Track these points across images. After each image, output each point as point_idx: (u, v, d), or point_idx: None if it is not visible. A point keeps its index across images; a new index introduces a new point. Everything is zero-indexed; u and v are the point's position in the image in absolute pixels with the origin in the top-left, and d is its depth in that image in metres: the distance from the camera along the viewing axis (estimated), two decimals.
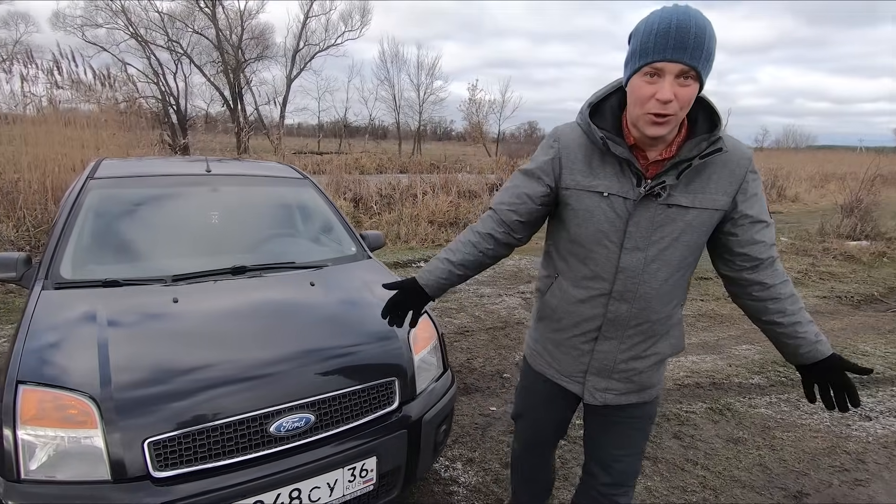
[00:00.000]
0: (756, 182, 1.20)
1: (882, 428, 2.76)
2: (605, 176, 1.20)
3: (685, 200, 1.17)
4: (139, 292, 1.89)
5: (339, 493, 1.56)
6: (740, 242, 1.21)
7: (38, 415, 1.35)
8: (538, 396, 1.51)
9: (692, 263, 1.26)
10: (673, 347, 1.35)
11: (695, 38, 1.00)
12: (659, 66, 1.03)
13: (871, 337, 4.22)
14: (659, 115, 1.05)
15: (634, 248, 1.20)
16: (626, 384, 1.34)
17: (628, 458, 1.43)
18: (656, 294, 1.23)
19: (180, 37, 25.10)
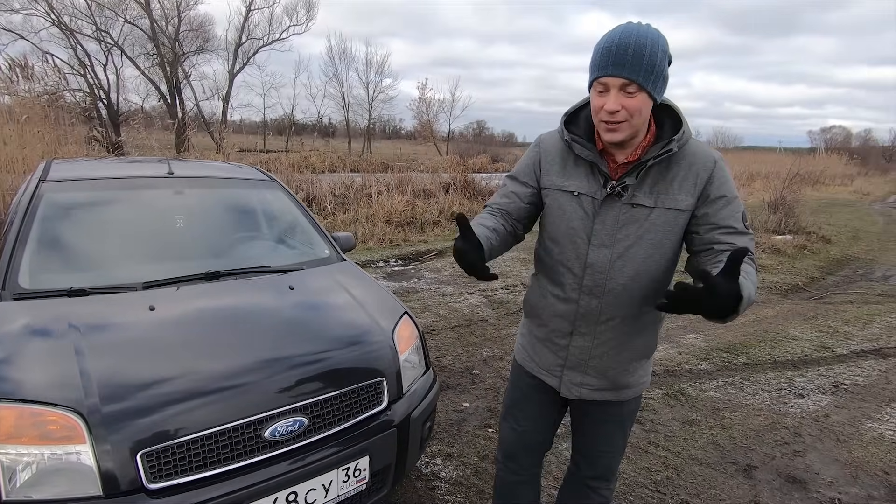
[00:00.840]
0: (721, 186, 1.21)
1: (813, 404, 3.07)
2: (576, 177, 1.31)
3: (648, 201, 1.24)
4: (111, 301, 1.82)
5: (334, 494, 1.59)
6: (702, 241, 1.23)
7: (15, 433, 1.29)
8: (521, 391, 1.55)
9: (662, 263, 1.27)
10: (646, 347, 1.38)
11: (633, 54, 1.10)
12: (604, 81, 1.14)
13: (798, 322, 4.65)
14: (610, 122, 1.17)
15: (601, 245, 1.28)
16: (599, 380, 1.39)
17: (611, 454, 1.50)
18: (623, 290, 1.29)
19: (110, 26, 23.51)
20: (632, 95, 1.13)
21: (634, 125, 1.17)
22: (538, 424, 1.55)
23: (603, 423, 1.47)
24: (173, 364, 1.53)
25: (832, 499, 2.21)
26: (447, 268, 6.42)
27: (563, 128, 1.31)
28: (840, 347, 4.03)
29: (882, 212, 14.56)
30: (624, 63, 1.11)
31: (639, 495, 2.20)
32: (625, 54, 1.10)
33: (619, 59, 1.11)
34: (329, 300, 2.08)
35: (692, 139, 1.25)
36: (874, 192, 21.78)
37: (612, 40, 1.13)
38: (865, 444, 2.65)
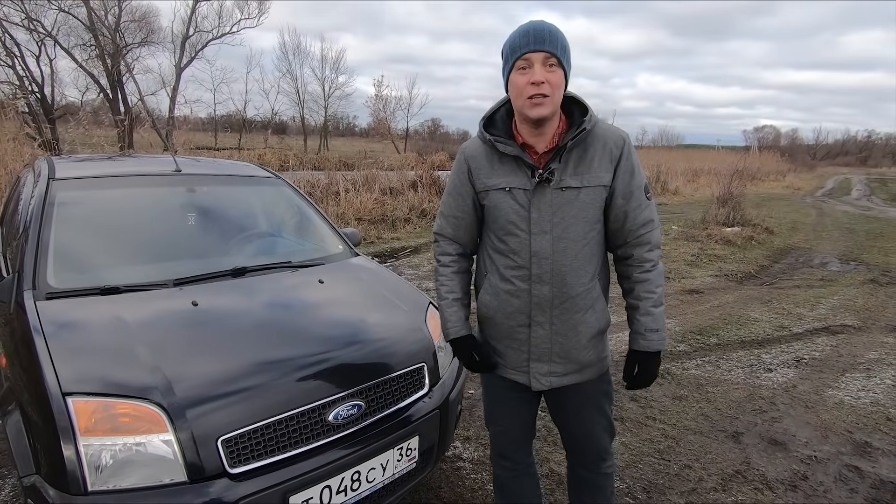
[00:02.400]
0: (629, 160, 1.36)
1: (781, 377, 3.41)
2: (504, 174, 1.38)
3: (575, 182, 1.34)
4: (151, 298, 1.82)
5: (390, 473, 1.68)
6: (616, 213, 1.37)
7: (96, 425, 1.31)
8: (496, 394, 1.59)
9: (596, 238, 1.40)
10: (598, 321, 1.43)
11: (549, 34, 1.26)
12: (527, 57, 1.26)
13: (757, 306, 5.08)
14: (535, 95, 1.26)
15: (541, 232, 1.36)
16: (564, 365, 1.44)
17: (596, 435, 1.55)
18: (570, 270, 1.37)
19: (42, 15, 21.92)
20: (552, 70, 1.26)
21: (555, 101, 1.28)
22: (519, 421, 1.60)
23: (580, 410, 1.53)
24: (236, 355, 1.57)
25: (809, 456, 2.50)
26: (425, 264, 6.53)
27: (482, 130, 1.41)
28: (796, 327, 4.45)
29: (813, 205, 15.84)
30: (544, 40, 1.25)
31: (647, 463, 2.40)
32: (543, 34, 1.26)
33: (538, 37, 1.26)
34: (360, 292, 2.16)
35: (600, 121, 1.37)
36: (804, 187, 23.61)
37: (529, 26, 1.29)
38: (829, 409, 2.98)
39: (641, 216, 1.38)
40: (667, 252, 7.46)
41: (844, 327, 4.48)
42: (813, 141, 72.30)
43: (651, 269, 1.41)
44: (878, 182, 30.00)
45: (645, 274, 1.41)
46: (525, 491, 1.68)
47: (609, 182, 1.35)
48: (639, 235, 1.40)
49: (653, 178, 17.08)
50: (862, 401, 3.10)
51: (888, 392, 3.21)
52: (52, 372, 1.39)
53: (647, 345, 1.40)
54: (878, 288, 5.93)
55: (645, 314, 1.40)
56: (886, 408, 3.01)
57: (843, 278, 6.46)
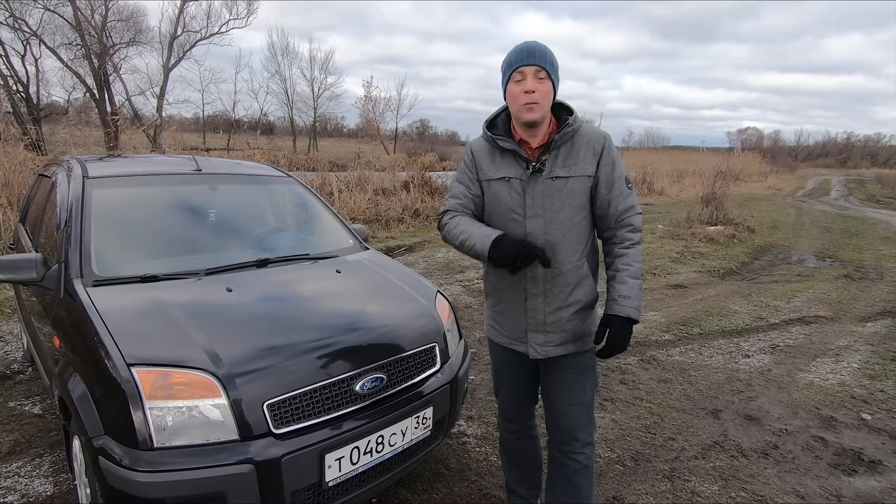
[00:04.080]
0: (609, 155, 1.59)
1: (758, 362, 3.68)
2: (505, 166, 1.63)
3: (563, 172, 1.58)
4: (188, 285, 2.01)
5: (409, 438, 1.88)
6: (601, 201, 1.60)
7: (157, 391, 1.49)
8: (502, 364, 1.83)
9: (583, 222, 1.61)
10: (587, 295, 1.64)
11: (540, 52, 1.53)
12: (522, 70, 1.52)
13: (737, 299, 5.37)
14: (528, 103, 1.51)
15: (534, 216, 1.59)
16: (559, 334, 1.63)
17: (573, 409, 1.69)
18: (559, 246, 1.58)
19: (27, 13, 21.69)
20: (542, 81, 1.52)
21: (545, 107, 1.53)
22: (521, 387, 1.82)
23: (562, 376, 1.70)
24: (273, 333, 1.77)
25: (780, 429, 2.76)
26: (420, 262, 6.73)
27: (485, 130, 1.67)
28: (772, 318, 4.74)
29: (793, 205, 16.34)
30: (535, 55, 1.52)
31: (635, 436, 2.64)
32: (535, 51, 1.53)
33: (531, 53, 1.52)
34: (375, 281, 2.36)
35: (585, 124, 1.62)
36: (785, 188, 24.25)
37: (523, 45, 1.55)
38: (800, 389, 3.25)
39: (623, 203, 1.60)
40: (653, 249, 7.75)
41: (818, 318, 4.78)
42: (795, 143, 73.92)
43: (630, 246, 1.61)
44: (856, 183, 30.89)
45: (623, 249, 1.61)
46: (527, 450, 1.92)
47: (593, 173, 1.58)
48: (622, 220, 1.60)
49: (639, 179, 17.46)
50: (830, 382, 3.37)
51: (854, 374, 3.50)
52: (115, 347, 1.57)
53: (618, 309, 1.56)
54: (851, 282, 6.27)
55: (620, 283, 1.58)
56: (852, 387, 3.29)
57: (818, 273, 6.80)
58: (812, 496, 2.22)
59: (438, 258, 6.88)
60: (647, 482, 2.29)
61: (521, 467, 1.94)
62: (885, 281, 6.40)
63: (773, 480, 2.32)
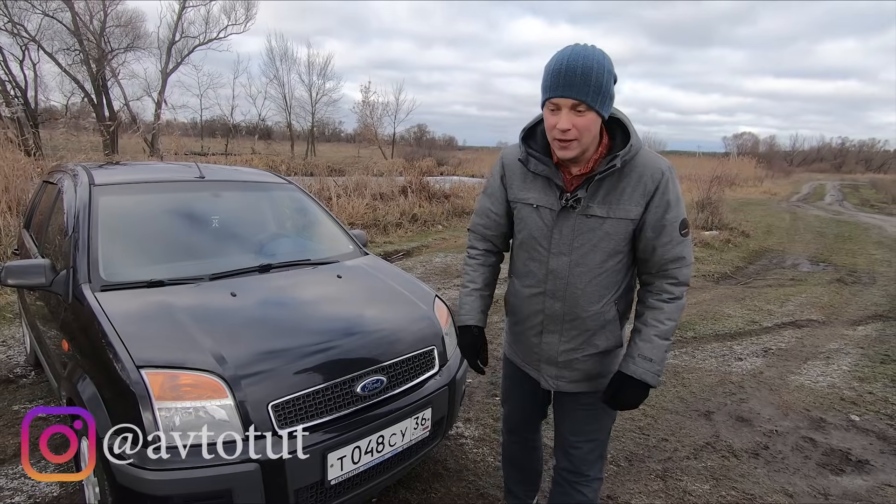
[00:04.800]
0: (665, 196, 1.31)
1: (750, 365, 3.75)
2: (535, 190, 1.41)
3: (601, 212, 1.33)
4: (193, 289, 2.06)
5: (409, 439, 1.94)
6: (645, 244, 1.36)
7: (165, 392, 1.55)
8: (513, 381, 1.74)
9: (617, 267, 1.39)
10: (608, 341, 1.45)
11: (581, 76, 1.19)
12: (556, 102, 1.24)
13: (731, 303, 5.44)
14: (562, 140, 1.26)
15: (560, 253, 1.39)
16: (572, 372, 1.49)
17: (585, 445, 1.55)
18: (582, 293, 1.40)
19: (26, 19, 21.76)
20: (581, 114, 1.23)
21: (584, 143, 1.27)
22: (530, 403, 1.73)
23: (575, 412, 1.55)
24: (276, 336, 1.83)
25: (771, 430, 2.82)
26: (418, 266, 6.78)
27: (520, 144, 1.41)
28: (765, 321, 4.81)
29: (788, 209, 16.47)
30: (573, 85, 1.20)
31: (629, 437, 2.70)
32: (573, 76, 1.19)
33: (568, 81, 1.20)
34: (375, 286, 2.42)
35: (643, 150, 1.33)
36: (780, 193, 24.41)
37: (560, 62, 1.21)
38: (791, 391, 3.32)
39: (671, 252, 1.35)
40: None
41: (810, 322, 4.86)
42: (790, 147, 74.43)
43: (668, 301, 1.37)
44: (850, 188, 31.11)
45: (660, 302, 1.38)
46: (529, 459, 1.88)
47: (637, 216, 1.33)
48: (666, 270, 1.37)
49: None
50: (820, 384, 3.44)
51: (844, 377, 3.57)
52: (125, 349, 1.62)
53: (634, 370, 1.36)
54: (844, 287, 6.35)
55: (644, 340, 1.36)
56: (841, 390, 3.36)
57: (812, 278, 6.88)
58: (800, 495, 2.29)
59: (436, 263, 6.94)
60: (640, 482, 2.34)
61: (522, 470, 1.91)
62: (877, 285, 6.49)
63: (762, 480, 2.38)
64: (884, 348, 4.15)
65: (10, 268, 2.05)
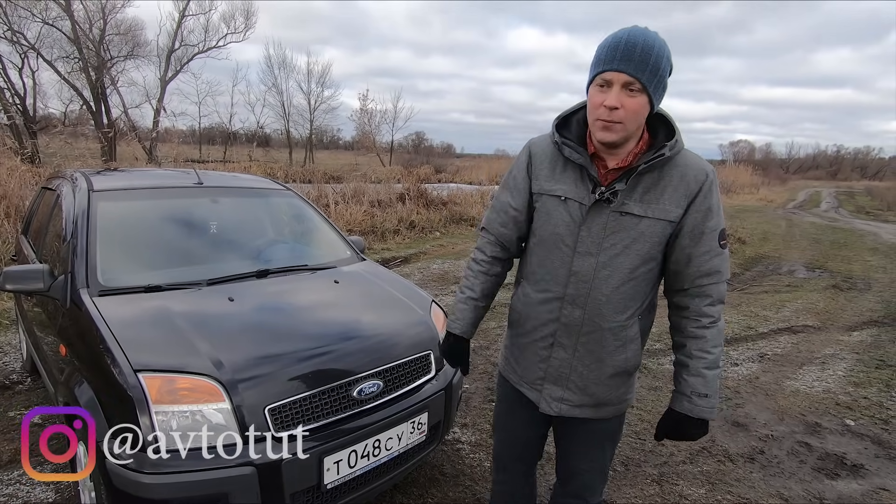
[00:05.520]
0: (708, 200, 1.21)
1: (746, 370, 3.77)
2: (565, 181, 1.28)
3: (638, 210, 1.21)
4: (191, 295, 2.07)
5: (405, 443, 1.94)
6: (679, 254, 1.24)
7: (163, 396, 1.56)
8: (507, 405, 1.55)
9: (647, 276, 1.27)
10: (628, 361, 1.31)
11: (641, 52, 1.11)
12: (608, 77, 1.13)
13: (727, 309, 5.45)
14: (607, 120, 1.15)
15: (586, 253, 1.25)
16: (580, 395, 1.35)
17: (588, 474, 1.46)
18: (607, 301, 1.25)
19: (26, 27, 21.86)
20: (633, 95, 1.13)
21: (629, 129, 1.16)
22: (524, 437, 1.54)
23: (580, 441, 1.44)
24: (274, 340, 1.84)
25: (767, 435, 2.83)
26: (416, 273, 6.80)
27: (554, 130, 1.29)
28: (761, 327, 4.84)
29: (784, 216, 16.55)
30: (631, 59, 1.11)
31: (625, 442, 2.71)
32: (633, 51, 1.11)
33: (627, 55, 1.11)
34: (372, 291, 2.43)
35: (686, 150, 1.24)
36: (776, 200, 24.54)
37: (620, 38, 1.13)
38: (787, 396, 3.33)
39: (708, 264, 1.23)
40: None
41: (805, 327, 4.88)
42: (786, 155, 74.91)
43: (709, 326, 1.25)
44: (846, 195, 31.30)
45: (701, 330, 1.26)
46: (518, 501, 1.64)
47: (677, 218, 1.21)
48: (701, 285, 1.24)
49: None
50: (816, 389, 3.46)
51: (839, 382, 3.59)
52: (122, 354, 1.63)
53: (691, 409, 1.26)
54: (839, 293, 6.39)
55: (695, 375, 1.25)
56: (836, 394, 3.37)
57: (807, 284, 6.92)
58: (796, 499, 2.29)
59: (434, 269, 6.96)
60: (636, 486, 2.35)
61: None
62: (873, 291, 6.52)
63: (758, 484, 2.39)
64: (879, 354, 4.18)
65: (9, 273, 2.06)
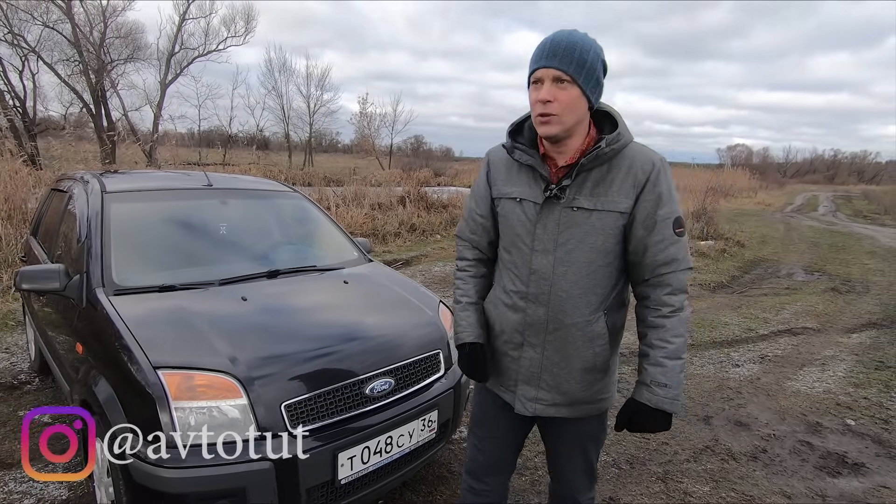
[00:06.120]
0: (657, 188, 1.23)
1: (747, 371, 3.81)
2: (519, 183, 1.34)
3: (588, 203, 1.25)
4: (205, 294, 2.10)
5: (416, 440, 1.98)
6: (636, 245, 1.26)
7: (182, 393, 1.59)
8: (483, 409, 1.57)
9: (606, 270, 1.29)
10: (595, 357, 1.32)
11: (565, 49, 1.19)
12: (538, 75, 1.22)
13: (727, 312, 5.51)
14: (543, 114, 1.22)
15: (544, 251, 1.29)
16: (553, 394, 1.36)
17: (573, 474, 1.48)
18: (567, 296, 1.28)
19: (26, 30, 21.89)
20: (564, 88, 1.20)
21: (566, 121, 1.21)
22: (499, 444, 1.54)
23: (563, 443, 1.45)
24: (288, 339, 1.88)
25: (769, 434, 2.87)
26: (417, 276, 6.83)
27: (507, 136, 1.38)
28: (762, 329, 4.88)
29: (782, 220, 16.64)
30: (556, 55, 1.19)
31: (630, 441, 2.74)
32: (557, 48, 1.20)
33: (552, 52, 1.20)
34: (381, 292, 2.47)
35: (634, 143, 1.28)
36: (774, 204, 24.65)
37: (546, 40, 1.23)
38: (788, 397, 3.37)
39: (664, 253, 1.24)
40: None
41: (805, 329, 4.92)
42: (783, 159, 75.21)
43: (669, 315, 1.25)
44: (843, 199, 31.45)
45: (661, 319, 1.25)
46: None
47: (627, 209, 1.24)
48: (659, 274, 1.25)
49: None
50: (816, 390, 3.50)
51: (839, 382, 3.63)
52: (141, 352, 1.66)
53: (650, 398, 1.24)
54: (838, 295, 6.44)
55: (654, 364, 1.24)
56: (837, 395, 3.41)
57: (806, 287, 6.97)
58: (798, 496, 2.33)
59: (435, 272, 6.99)
60: (641, 483, 2.38)
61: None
62: (871, 294, 6.58)
63: (761, 482, 2.43)
64: (878, 355, 4.22)
65: (25, 273, 2.09)
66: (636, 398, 1.28)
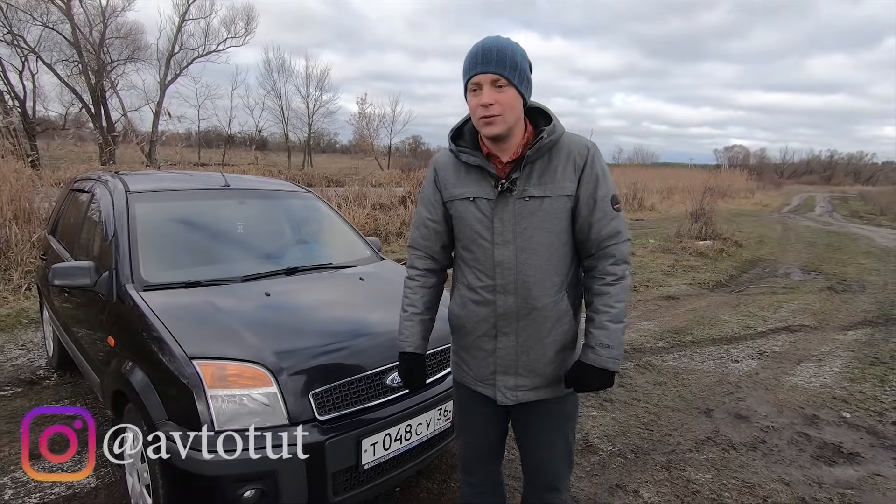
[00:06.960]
0: (593, 169, 1.35)
1: (746, 367, 3.91)
2: (469, 183, 1.41)
3: (538, 192, 1.34)
4: (229, 290, 2.20)
5: (433, 428, 2.07)
6: (581, 224, 1.36)
7: (216, 382, 1.68)
8: (466, 407, 1.59)
9: (563, 250, 1.39)
10: (566, 334, 1.40)
11: (497, 54, 1.27)
12: (476, 80, 1.29)
13: (726, 310, 5.62)
14: (486, 116, 1.29)
15: (504, 243, 1.36)
16: (532, 378, 1.42)
17: (553, 460, 1.50)
18: (534, 282, 1.36)
19: (26, 30, 21.91)
20: (502, 90, 1.27)
21: (508, 120, 1.30)
22: (486, 437, 1.58)
23: (540, 428, 1.50)
24: (313, 332, 1.98)
25: (768, 426, 2.98)
26: None
27: (450, 141, 1.44)
28: (760, 327, 4.99)
29: (779, 220, 16.81)
30: (490, 61, 1.27)
31: (634, 433, 2.84)
32: (490, 54, 1.27)
33: (486, 58, 1.27)
34: (396, 288, 2.53)
35: (567, 133, 1.38)
36: (772, 204, 24.86)
37: (477, 47, 1.30)
38: (786, 391, 3.48)
39: (607, 228, 1.36)
40: (645, 263, 8.02)
41: (802, 327, 5.04)
42: (780, 160, 75.59)
43: (612, 283, 1.36)
44: (839, 199, 31.68)
45: (605, 287, 1.37)
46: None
47: (573, 192, 1.35)
48: (604, 247, 1.37)
49: (630, 195, 17.87)
50: (813, 384, 3.61)
51: (835, 377, 3.74)
52: (176, 343, 1.76)
53: (595, 359, 1.35)
54: (834, 294, 6.56)
55: (599, 328, 1.35)
56: (833, 389, 3.52)
57: (803, 286, 7.09)
58: (796, 484, 2.43)
59: None
60: (646, 472, 2.48)
61: None
62: (867, 293, 6.70)
63: (761, 470, 2.53)
64: (873, 351, 4.33)
65: (58, 269, 2.18)
66: (583, 360, 1.39)
